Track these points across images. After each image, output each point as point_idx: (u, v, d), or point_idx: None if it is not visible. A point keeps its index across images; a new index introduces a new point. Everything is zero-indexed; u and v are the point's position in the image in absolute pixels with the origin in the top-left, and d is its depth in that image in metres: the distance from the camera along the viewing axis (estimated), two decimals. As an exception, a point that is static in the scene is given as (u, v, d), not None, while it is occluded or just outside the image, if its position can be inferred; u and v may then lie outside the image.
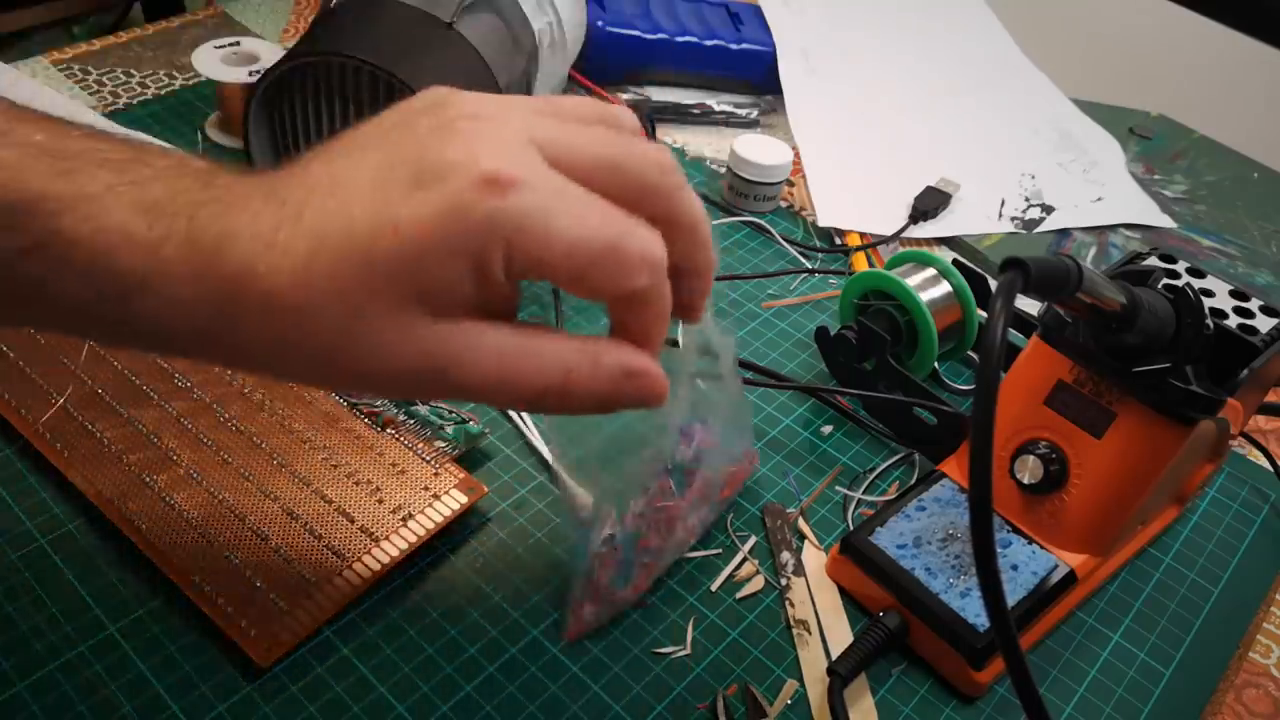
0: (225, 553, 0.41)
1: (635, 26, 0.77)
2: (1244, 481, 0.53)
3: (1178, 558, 0.49)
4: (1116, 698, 0.42)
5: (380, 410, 0.48)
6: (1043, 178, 0.76)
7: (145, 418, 0.46)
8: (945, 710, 0.41)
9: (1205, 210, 0.77)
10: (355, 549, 0.42)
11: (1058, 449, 0.44)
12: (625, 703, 0.40)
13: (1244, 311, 0.45)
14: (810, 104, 0.79)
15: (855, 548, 0.44)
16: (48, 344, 0.49)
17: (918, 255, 0.55)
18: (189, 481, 0.44)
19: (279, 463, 0.45)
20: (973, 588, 0.42)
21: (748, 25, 0.82)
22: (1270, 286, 0.69)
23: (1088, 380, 0.43)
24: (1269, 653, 0.46)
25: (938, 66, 0.87)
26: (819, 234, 0.68)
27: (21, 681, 0.37)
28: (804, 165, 0.73)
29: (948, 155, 0.76)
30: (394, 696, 0.39)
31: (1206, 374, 0.41)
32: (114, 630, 0.40)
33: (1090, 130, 0.83)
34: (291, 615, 0.39)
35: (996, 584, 0.29)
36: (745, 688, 0.41)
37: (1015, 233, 0.70)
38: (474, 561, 0.44)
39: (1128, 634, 0.45)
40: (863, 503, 0.49)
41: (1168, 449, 0.42)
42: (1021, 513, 0.45)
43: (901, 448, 0.52)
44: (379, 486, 0.45)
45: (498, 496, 0.47)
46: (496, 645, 0.41)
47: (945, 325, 0.53)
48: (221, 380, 0.48)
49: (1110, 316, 0.38)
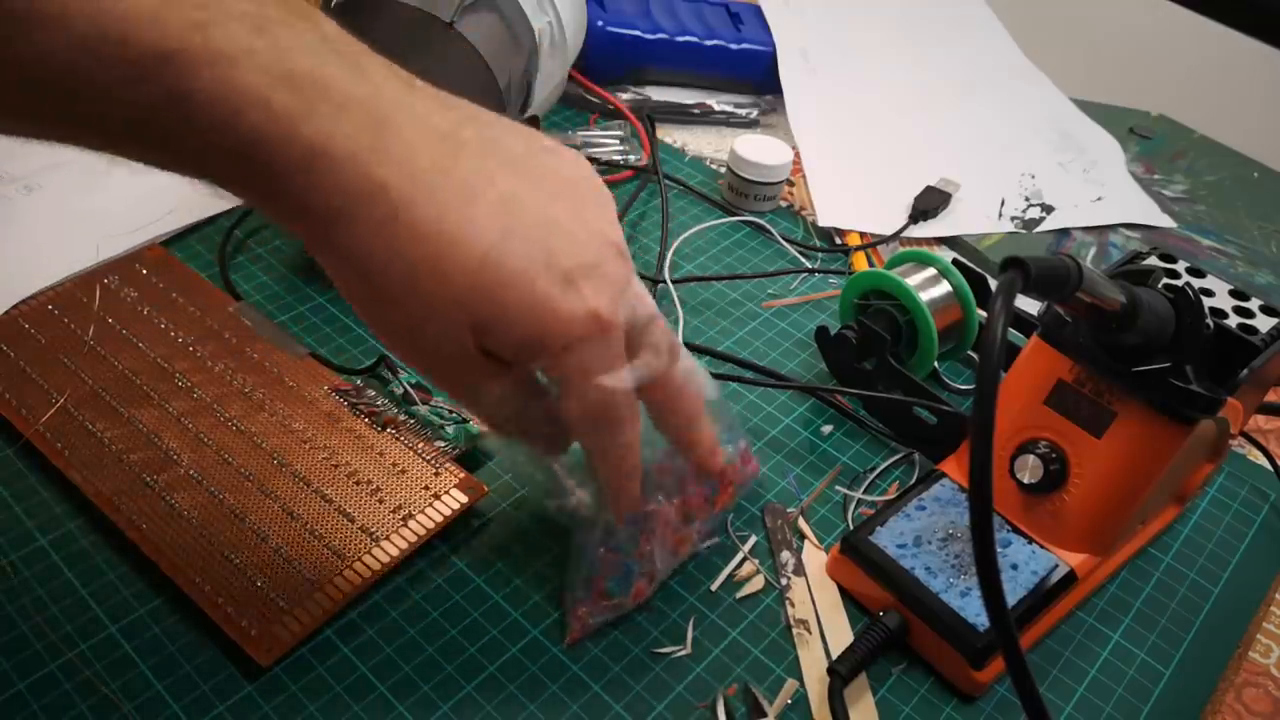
0: (225, 553, 0.41)
1: (635, 26, 0.77)
2: (1244, 481, 0.53)
3: (1178, 557, 0.49)
4: (1116, 698, 0.42)
5: (380, 410, 0.48)
6: (1043, 178, 0.76)
7: (145, 418, 0.46)
8: (945, 710, 0.41)
9: (1205, 210, 0.77)
10: (355, 549, 0.42)
11: (1058, 449, 0.44)
12: (625, 703, 0.40)
13: (1244, 311, 0.45)
14: (810, 104, 0.79)
15: (855, 547, 0.44)
16: (48, 344, 0.49)
17: (918, 255, 0.55)
18: (189, 481, 0.44)
19: (279, 463, 0.45)
20: (973, 587, 0.42)
21: (748, 25, 0.82)
22: (1270, 286, 0.69)
23: (1088, 380, 0.43)
24: (1269, 653, 0.46)
25: (938, 66, 0.87)
26: (819, 234, 0.68)
27: (21, 681, 0.37)
28: (804, 165, 0.73)
29: (948, 155, 0.76)
30: (394, 696, 0.39)
31: (1206, 374, 0.41)
32: (114, 630, 0.40)
33: (1090, 130, 0.83)
34: (291, 615, 0.39)
35: (996, 584, 0.29)
36: (745, 688, 0.41)
37: (1015, 233, 0.70)
38: (474, 561, 0.44)
39: (1128, 634, 0.45)
40: (863, 502, 0.49)
41: (1168, 449, 0.42)
42: (1021, 512, 0.45)
43: (901, 447, 0.52)
44: (379, 486, 0.45)
45: (498, 496, 0.47)
46: (496, 645, 0.41)
47: (945, 325, 0.53)
48: (222, 380, 0.48)
49: (1110, 316, 0.38)
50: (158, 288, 0.53)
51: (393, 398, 0.48)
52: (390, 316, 0.33)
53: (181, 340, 0.50)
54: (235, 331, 0.51)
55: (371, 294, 0.32)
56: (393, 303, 0.32)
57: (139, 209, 0.58)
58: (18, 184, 0.59)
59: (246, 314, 0.52)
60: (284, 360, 0.50)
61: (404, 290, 0.31)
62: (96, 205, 0.58)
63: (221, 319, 0.52)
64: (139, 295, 0.52)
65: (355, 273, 0.32)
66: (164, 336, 0.50)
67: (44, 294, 0.52)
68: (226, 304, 0.53)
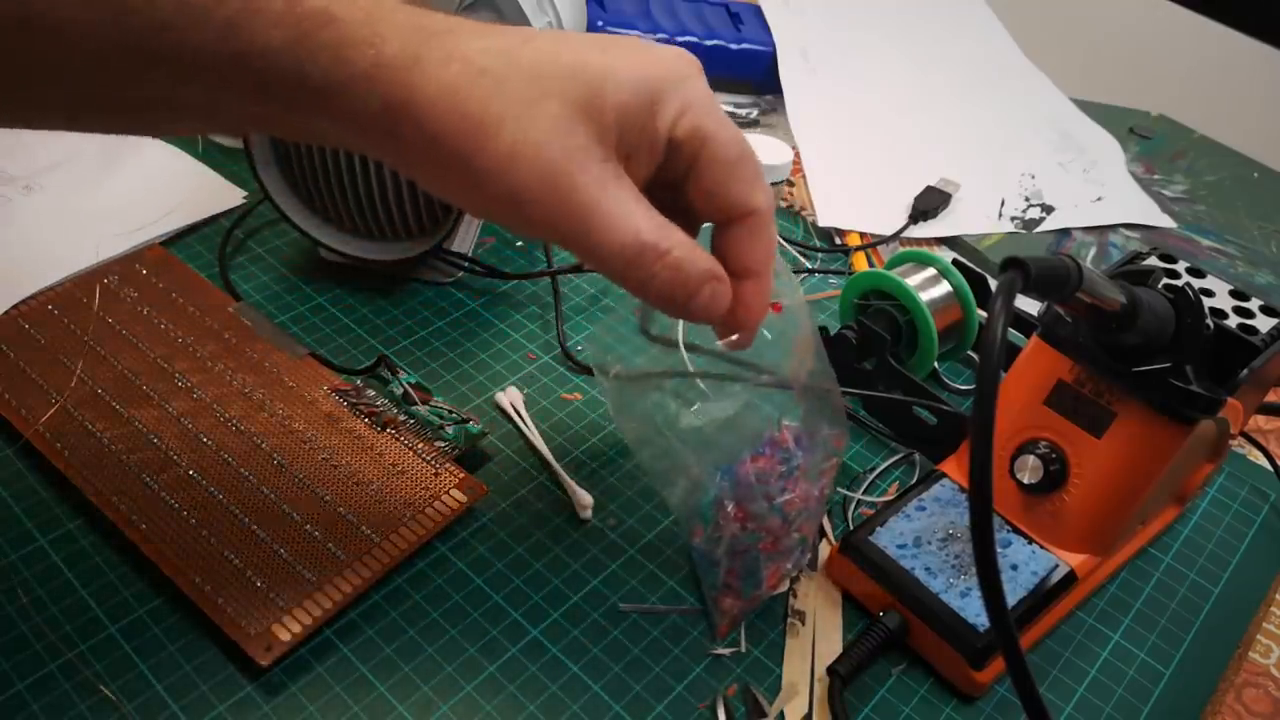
0: (225, 553, 0.41)
1: (635, 26, 0.77)
2: (1244, 481, 0.53)
3: (1178, 558, 0.49)
4: (1116, 698, 0.42)
5: (380, 410, 0.48)
6: (1043, 178, 0.76)
7: (145, 418, 0.46)
8: (945, 710, 0.41)
9: (1205, 210, 0.77)
10: (355, 549, 0.42)
11: (1058, 449, 0.44)
12: (625, 703, 0.40)
13: (1244, 311, 0.45)
14: (810, 104, 0.79)
15: (855, 547, 0.44)
16: (48, 344, 0.49)
17: (918, 255, 0.55)
18: (189, 481, 0.44)
19: (279, 463, 0.45)
20: (973, 587, 0.42)
21: (748, 25, 0.82)
22: (1270, 286, 0.69)
23: (1088, 380, 0.43)
24: (1269, 653, 0.46)
25: (938, 66, 0.87)
26: (819, 234, 0.68)
27: (21, 681, 0.38)
28: (804, 165, 0.73)
29: (948, 155, 0.76)
30: (394, 696, 0.39)
31: (1206, 374, 0.41)
32: (114, 630, 0.40)
33: (1090, 130, 0.83)
34: (291, 615, 0.39)
35: (996, 584, 0.29)
36: (745, 688, 0.41)
37: (1015, 233, 0.70)
38: (474, 561, 0.44)
39: (1128, 634, 0.45)
40: (863, 503, 0.49)
41: (1168, 449, 0.42)
42: (1021, 513, 0.45)
43: (901, 448, 0.52)
44: (379, 487, 0.45)
45: (498, 496, 0.47)
46: (496, 645, 0.41)
47: (945, 325, 0.53)
48: (222, 380, 0.48)
49: (1110, 316, 0.38)
50: (158, 288, 0.53)
51: (392, 398, 0.48)
52: (496, 145, 0.31)
53: (181, 340, 0.50)
54: (235, 331, 0.51)
55: (477, 146, 0.31)
56: (498, 136, 0.30)
57: (139, 209, 0.58)
58: (17, 184, 0.59)
59: (246, 314, 0.52)
60: (284, 360, 0.50)
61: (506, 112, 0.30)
62: (96, 205, 0.58)
63: (221, 319, 0.52)
64: (139, 295, 0.52)
65: (444, 113, 0.30)
66: (164, 336, 0.50)
67: (44, 294, 0.52)
68: (226, 304, 0.53)
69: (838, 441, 0.45)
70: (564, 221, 0.31)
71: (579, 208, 0.31)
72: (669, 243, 0.32)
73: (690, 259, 0.33)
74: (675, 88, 0.33)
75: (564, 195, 0.31)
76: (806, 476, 0.44)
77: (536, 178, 0.30)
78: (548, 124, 0.30)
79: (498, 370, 0.53)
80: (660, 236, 0.32)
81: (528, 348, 0.55)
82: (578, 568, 0.44)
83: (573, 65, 0.31)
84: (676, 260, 0.33)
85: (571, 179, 0.31)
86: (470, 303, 0.57)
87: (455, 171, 0.31)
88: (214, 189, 0.61)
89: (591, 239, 0.32)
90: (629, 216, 0.32)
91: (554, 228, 0.32)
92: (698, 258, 0.33)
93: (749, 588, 0.43)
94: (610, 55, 0.32)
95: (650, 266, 0.32)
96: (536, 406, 0.51)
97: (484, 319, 0.56)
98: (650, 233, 0.32)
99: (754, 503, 0.43)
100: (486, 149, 0.30)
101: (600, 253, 0.32)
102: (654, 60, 0.33)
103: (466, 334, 0.55)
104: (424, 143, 0.30)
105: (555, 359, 0.54)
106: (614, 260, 0.32)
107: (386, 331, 0.54)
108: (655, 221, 0.32)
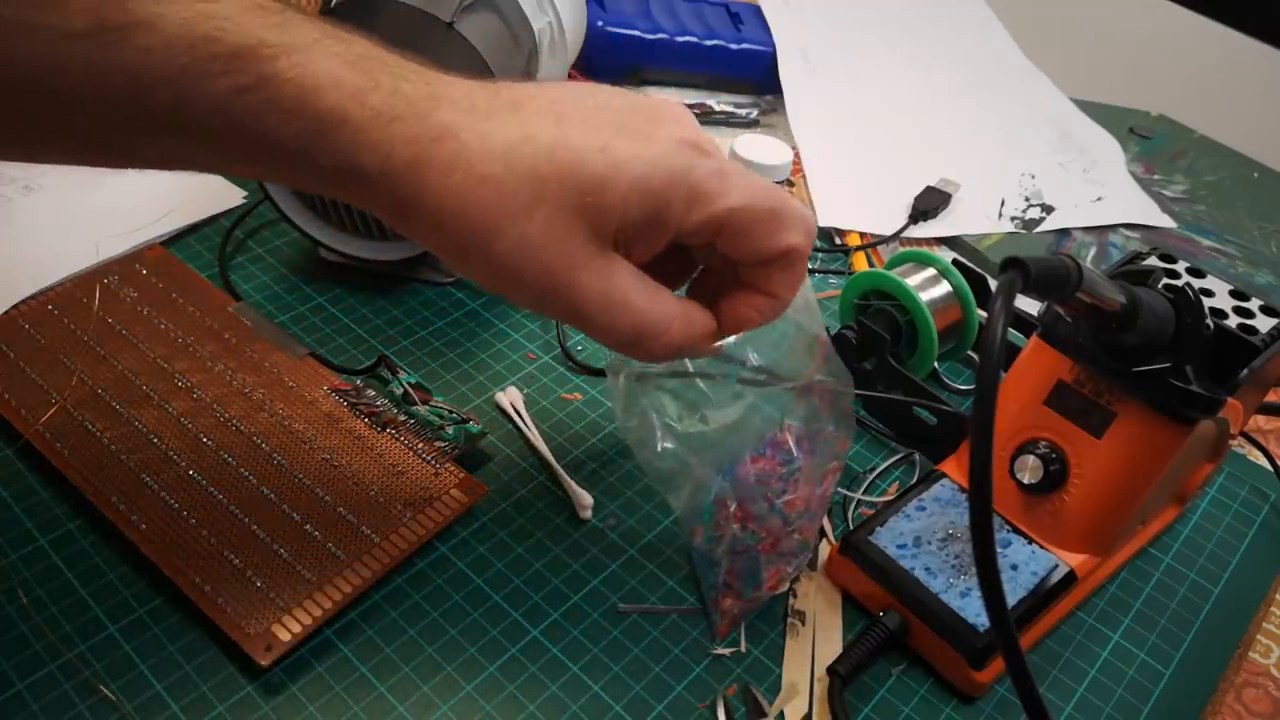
0: (225, 553, 0.41)
1: (635, 26, 0.77)
2: (1244, 481, 0.53)
3: (1178, 558, 0.49)
4: (1116, 698, 0.42)
5: (380, 410, 0.48)
6: (1043, 178, 0.76)
7: (145, 418, 0.46)
8: (945, 710, 0.41)
9: (1205, 210, 0.77)
10: (355, 549, 0.42)
11: (1058, 449, 0.44)
12: (625, 703, 0.40)
13: (1244, 311, 0.45)
14: (810, 104, 0.79)
15: (855, 547, 0.44)
16: (48, 344, 0.49)
17: (918, 255, 0.55)
18: (189, 481, 0.44)
19: (279, 463, 0.45)
20: (973, 588, 0.42)
21: (748, 25, 0.82)
22: (1270, 286, 0.69)
23: (1088, 380, 0.43)
24: (1269, 653, 0.46)
25: (938, 66, 0.87)
26: (819, 234, 0.68)
27: (21, 681, 0.38)
28: (804, 165, 0.73)
29: (948, 155, 0.76)
30: (394, 696, 0.39)
31: (1206, 374, 0.41)
32: (114, 630, 0.40)
33: (1090, 130, 0.83)
34: (291, 615, 0.39)
35: (997, 584, 0.29)
36: (745, 688, 0.41)
37: (1015, 233, 0.70)
38: (474, 561, 0.44)
39: (1128, 634, 0.45)
40: (863, 503, 0.49)
41: (1168, 449, 0.42)
42: (1021, 513, 0.45)
43: (901, 448, 0.52)
44: (379, 487, 0.45)
45: (498, 496, 0.47)
46: (496, 645, 0.41)
47: (945, 325, 0.53)
48: (222, 380, 0.48)
49: (1110, 316, 0.38)
50: (158, 288, 0.53)
51: (392, 398, 0.48)
52: (498, 246, 0.32)
53: (181, 340, 0.50)
54: (235, 331, 0.51)
55: (477, 226, 0.32)
56: (496, 230, 0.32)
57: (139, 209, 0.58)
58: (17, 184, 0.59)
59: (246, 314, 0.52)
60: (284, 360, 0.50)
61: (500, 201, 0.32)
62: (96, 205, 0.58)
63: (221, 319, 0.52)
64: (139, 295, 0.52)
65: (449, 216, 0.32)
66: (164, 336, 0.50)
67: (44, 294, 0.52)
68: (226, 304, 0.53)
69: (842, 445, 0.45)
70: (565, 315, 0.34)
71: (579, 304, 0.33)
72: (665, 322, 0.35)
73: (686, 332, 0.36)
74: (678, 186, 0.33)
75: (563, 292, 0.33)
76: (808, 478, 0.44)
77: (535, 276, 0.33)
78: (545, 227, 0.32)
79: (498, 370, 0.53)
80: (658, 317, 0.35)
81: (528, 348, 0.55)
82: (577, 568, 0.44)
83: (571, 165, 0.32)
84: (671, 339, 0.35)
85: (570, 275, 0.33)
86: (470, 303, 0.57)
87: (460, 259, 0.34)
88: (214, 189, 0.61)
89: (592, 328, 0.34)
90: (625, 308, 0.34)
91: (557, 315, 0.36)
92: (694, 323, 0.36)
93: (749, 588, 0.43)
94: (609, 155, 0.32)
95: (648, 345, 0.35)
96: (536, 406, 0.51)
97: (484, 319, 0.56)
98: (647, 314, 0.34)
99: (754, 503, 0.43)
100: (489, 248, 0.32)
101: (603, 339, 0.35)
102: (656, 158, 0.33)
103: (466, 334, 0.55)
104: (432, 234, 0.33)
105: (555, 359, 0.54)
106: (617, 345, 0.36)
107: (386, 331, 0.54)
108: (653, 302, 0.35)
